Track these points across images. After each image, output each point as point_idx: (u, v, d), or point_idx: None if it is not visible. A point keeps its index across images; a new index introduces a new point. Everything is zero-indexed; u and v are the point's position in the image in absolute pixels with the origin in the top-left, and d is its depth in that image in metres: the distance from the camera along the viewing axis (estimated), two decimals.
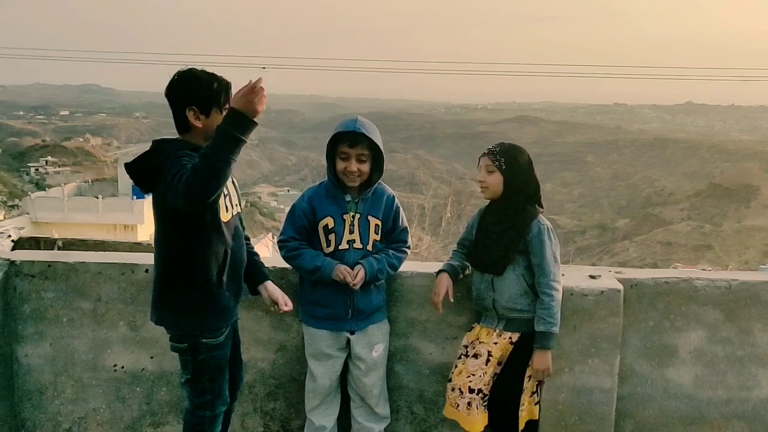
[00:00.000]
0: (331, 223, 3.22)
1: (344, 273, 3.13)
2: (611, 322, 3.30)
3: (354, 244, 3.23)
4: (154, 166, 2.71)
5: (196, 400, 2.95)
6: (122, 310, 3.57)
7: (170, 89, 2.79)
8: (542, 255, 3.09)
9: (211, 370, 2.93)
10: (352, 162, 3.15)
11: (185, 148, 2.72)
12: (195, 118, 2.76)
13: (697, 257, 69.31)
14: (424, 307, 3.48)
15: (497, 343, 3.18)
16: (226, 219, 2.86)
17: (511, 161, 3.12)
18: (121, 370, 3.63)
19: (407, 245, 3.35)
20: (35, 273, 3.56)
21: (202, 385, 2.94)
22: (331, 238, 3.22)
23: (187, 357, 2.91)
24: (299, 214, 3.26)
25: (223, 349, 2.95)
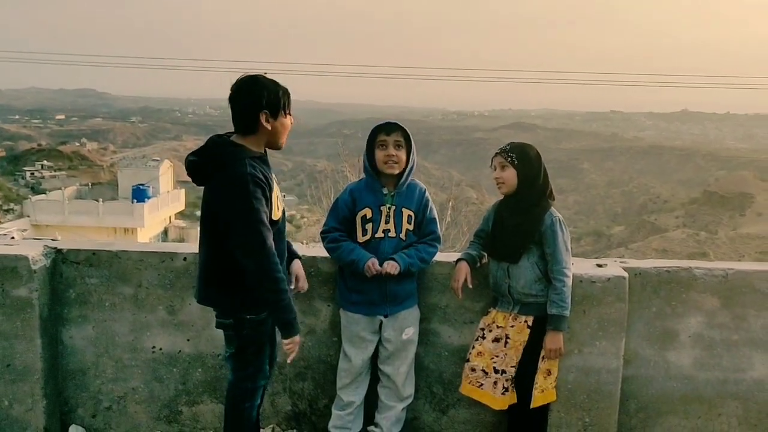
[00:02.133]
0: (369, 213, 3.51)
1: (371, 268, 3.41)
2: (617, 307, 3.57)
3: (389, 233, 3.52)
4: (212, 167, 2.97)
5: (240, 372, 3.20)
6: (161, 295, 3.82)
7: (240, 93, 3.00)
8: (555, 245, 3.36)
9: (254, 344, 3.16)
10: (390, 147, 3.45)
11: (246, 156, 2.95)
12: (266, 120, 3.00)
13: None
14: (444, 294, 3.74)
15: (513, 326, 3.46)
16: (278, 217, 3.11)
17: (522, 156, 3.40)
18: (159, 351, 3.88)
19: (437, 237, 3.62)
20: (80, 260, 3.81)
21: (245, 359, 3.17)
22: (368, 228, 3.51)
23: (231, 332, 3.14)
24: (342, 205, 3.56)
25: (264, 325, 3.17)
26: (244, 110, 3.01)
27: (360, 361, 3.61)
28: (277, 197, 3.11)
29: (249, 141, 3.04)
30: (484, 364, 3.52)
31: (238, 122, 3.04)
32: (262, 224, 2.92)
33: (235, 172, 2.91)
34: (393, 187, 3.54)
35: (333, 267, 3.75)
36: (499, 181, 3.46)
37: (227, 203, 2.94)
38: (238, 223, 2.92)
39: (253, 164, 2.96)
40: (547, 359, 3.44)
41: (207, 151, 3.03)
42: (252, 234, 2.91)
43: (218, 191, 2.98)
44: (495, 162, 3.48)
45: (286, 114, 3.08)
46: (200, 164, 3.03)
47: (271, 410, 3.92)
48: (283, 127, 3.09)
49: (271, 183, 3.04)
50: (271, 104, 3.01)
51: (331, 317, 3.82)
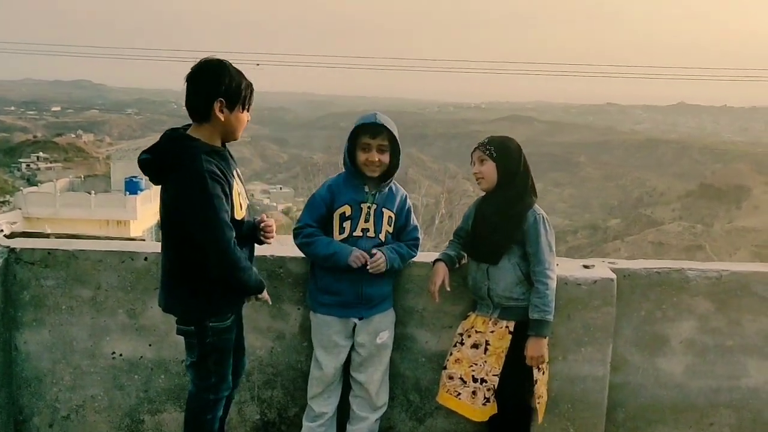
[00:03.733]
0: (348, 210, 3.29)
1: (359, 257, 3.19)
2: (604, 311, 3.37)
3: (368, 232, 3.30)
4: (167, 164, 2.76)
5: (201, 383, 2.99)
6: (121, 298, 3.60)
7: (199, 75, 2.78)
8: (538, 244, 3.14)
9: (217, 353, 2.97)
10: (374, 152, 3.23)
11: (203, 151, 2.74)
12: (220, 110, 2.77)
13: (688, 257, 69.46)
14: (421, 296, 3.53)
15: (494, 332, 3.24)
16: (241, 216, 2.90)
17: (501, 148, 3.19)
18: (120, 357, 3.66)
19: (419, 244, 3.43)
20: (35, 260, 3.59)
21: (207, 369, 2.97)
22: (345, 225, 3.29)
23: (193, 340, 2.94)
24: (318, 201, 3.33)
25: (229, 333, 2.99)
26: (199, 94, 2.78)
27: (332, 368, 3.38)
28: (238, 194, 2.89)
29: (204, 133, 2.82)
30: (462, 372, 3.30)
31: (190, 106, 2.81)
32: (224, 223, 2.72)
33: (191, 169, 2.69)
34: (374, 186, 3.32)
35: (303, 268, 3.53)
36: (479, 177, 3.25)
37: (184, 203, 2.73)
38: (198, 225, 2.71)
39: (209, 159, 2.74)
40: (530, 366, 3.21)
41: (161, 148, 2.81)
42: (213, 235, 2.71)
43: (174, 191, 2.76)
44: (474, 156, 3.28)
45: (244, 109, 2.86)
46: (153, 162, 2.80)
47: (239, 419, 3.70)
48: (238, 122, 2.86)
49: (230, 179, 2.82)
50: (229, 94, 2.78)
51: (301, 321, 3.60)
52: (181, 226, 2.78)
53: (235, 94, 2.79)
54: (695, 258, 67.90)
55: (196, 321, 2.92)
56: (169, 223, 2.85)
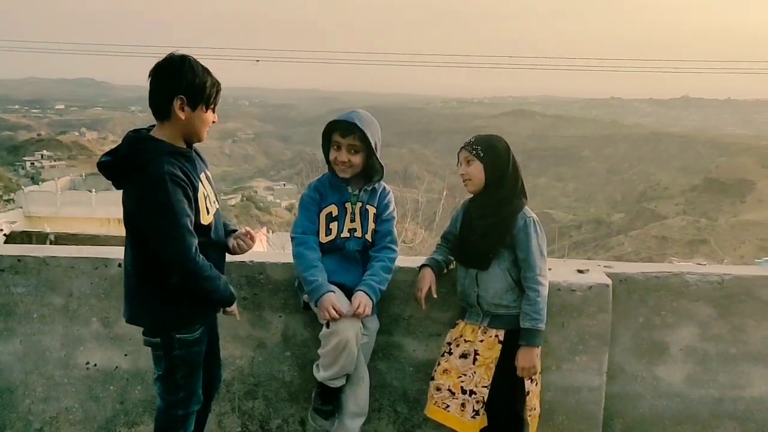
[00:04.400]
0: (334, 211, 3.14)
1: (329, 312, 2.94)
2: (600, 318, 3.20)
3: (355, 233, 3.16)
4: (129, 167, 2.60)
5: (169, 397, 2.83)
6: (95, 306, 3.45)
7: (160, 70, 2.62)
8: (528, 249, 2.97)
9: (185, 366, 2.81)
10: (342, 151, 3.07)
11: (165, 152, 2.59)
12: (180, 108, 2.61)
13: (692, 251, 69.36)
14: (407, 303, 3.36)
15: (483, 341, 3.07)
16: (207, 221, 2.74)
17: (488, 148, 3.01)
18: (94, 368, 3.51)
19: (395, 238, 3.22)
20: (4, 267, 3.44)
21: (174, 383, 2.81)
22: (332, 227, 3.14)
23: (160, 352, 2.79)
24: (309, 201, 3.17)
25: (198, 345, 2.83)
26: (159, 90, 2.62)
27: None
28: (204, 198, 2.72)
29: (166, 133, 2.66)
30: (450, 383, 3.13)
31: (152, 104, 2.65)
32: (184, 229, 2.56)
33: (151, 172, 2.53)
34: (357, 186, 3.17)
35: (284, 274, 3.38)
36: (465, 178, 3.07)
37: (144, 208, 2.57)
38: (155, 230, 2.56)
39: (171, 161, 2.58)
40: (521, 377, 3.04)
41: (122, 150, 2.65)
42: (172, 241, 2.55)
43: (134, 195, 2.61)
44: (460, 157, 3.09)
45: (207, 108, 2.68)
46: (113, 165, 2.64)
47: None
48: (201, 122, 2.69)
49: (195, 182, 2.66)
50: (191, 91, 2.61)
51: (283, 329, 3.44)
52: (140, 233, 2.64)
53: (197, 91, 2.62)
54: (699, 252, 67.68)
55: (162, 332, 2.76)
56: (131, 229, 2.69)
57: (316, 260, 3.09)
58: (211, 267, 2.70)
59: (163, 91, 2.61)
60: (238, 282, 3.38)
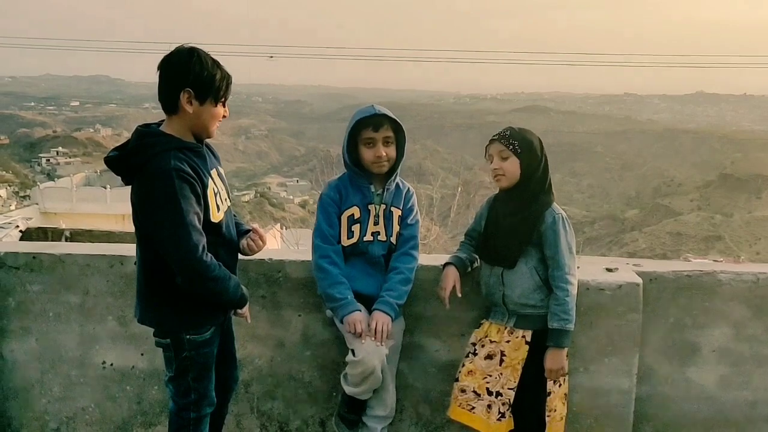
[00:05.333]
0: (357, 213, 3.05)
1: (356, 325, 2.91)
2: (630, 318, 3.09)
3: (378, 236, 3.07)
4: (136, 162, 2.53)
5: (180, 400, 2.76)
6: (111, 304, 3.39)
7: (168, 64, 2.54)
8: (557, 247, 2.87)
9: (196, 368, 2.73)
10: (380, 146, 2.98)
11: (172, 147, 2.52)
12: (188, 101, 2.53)
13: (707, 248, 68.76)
14: (430, 302, 3.27)
15: (509, 342, 2.97)
16: (218, 219, 2.66)
17: (525, 142, 2.90)
18: (110, 367, 3.45)
19: (417, 243, 3.16)
20: (20, 265, 3.38)
21: (186, 385, 2.74)
22: (354, 229, 3.05)
23: (170, 353, 2.72)
24: (328, 201, 3.07)
25: (209, 346, 2.75)
26: (166, 83, 2.55)
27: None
28: (215, 195, 2.64)
29: (174, 127, 2.58)
30: (475, 385, 3.04)
31: (159, 97, 2.58)
32: (191, 227, 2.48)
33: (157, 167, 2.46)
34: (380, 185, 3.07)
35: (303, 272, 3.29)
36: (499, 173, 2.94)
37: (149, 204, 2.50)
38: (160, 228, 2.49)
39: (179, 156, 2.50)
40: (549, 380, 2.94)
41: (130, 144, 2.57)
42: (177, 239, 2.47)
43: (140, 191, 2.54)
44: (492, 150, 2.96)
45: (217, 102, 2.60)
46: (120, 160, 2.57)
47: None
48: (209, 116, 2.60)
49: (204, 178, 2.58)
50: (198, 84, 2.52)
51: (303, 329, 3.36)
52: (147, 230, 2.57)
53: (205, 84, 2.54)
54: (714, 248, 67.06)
55: (171, 333, 2.69)
56: (139, 227, 2.62)
57: (339, 275, 3.01)
58: (220, 266, 2.61)
59: (171, 84, 2.54)
60: (257, 280, 3.31)
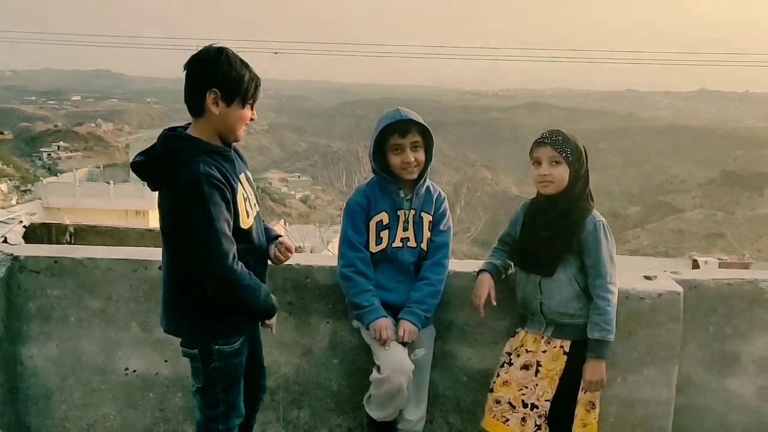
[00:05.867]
0: (385, 219, 2.98)
1: (382, 331, 2.88)
2: (670, 327, 3.01)
3: (408, 242, 3.00)
4: (163, 167, 2.45)
5: (208, 412, 2.67)
6: (134, 310, 3.30)
7: (194, 64, 2.45)
8: (598, 255, 2.78)
9: (225, 379, 2.65)
10: (408, 152, 2.90)
11: (201, 151, 2.44)
12: (214, 102, 2.44)
13: (710, 245, 68.68)
14: (462, 310, 3.19)
15: (546, 352, 2.89)
16: (247, 225, 2.58)
17: (576, 152, 2.81)
18: (133, 374, 3.37)
19: (449, 252, 3.09)
20: (40, 269, 3.30)
21: (214, 396, 2.66)
22: (383, 235, 2.98)
23: (198, 364, 2.64)
24: (355, 207, 3.00)
25: (238, 356, 2.67)
26: (192, 84, 2.46)
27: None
28: (244, 200, 2.56)
29: (201, 131, 2.50)
30: (510, 396, 2.96)
31: (185, 98, 2.50)
32: (221, 234, 2.39)
33: (186, 173, 2.38)
34: (409, 189, 2.99)
35: (331, 278, 3.21)
36: (547, 180, 2.83)
37: (177, 211, 2.42)
38: (189, 235, 2.41)
39: (208, 161, 2.42)
40: (588, 392, 2.86)
41: (156, 149, 2.49)
42: (208, 248, 2.40)
43: (168, 197, 2.46)
44: (542, 154, 2.84)
45: (245, 104, 2.50)
46: (147, 166, 2.48)
47: None
48: (236, 118, 2.51)
49: (234, 184, 2.50)
50: (225, 84, 2.43)
51: (330, 336, 3.28)
52: (175, 238, 2.49)
53: (233, 85, 2.45)
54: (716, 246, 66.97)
55: (199, 343, 2.61)
56: (167, 233, 2.54)
57: (365, 283, 2.95)
58: (250, 275, 2.53)
59: (197, 84, 2.46)
60: (284, 286, 3.23)
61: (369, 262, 2.99)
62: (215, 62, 2.44)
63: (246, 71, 2.49)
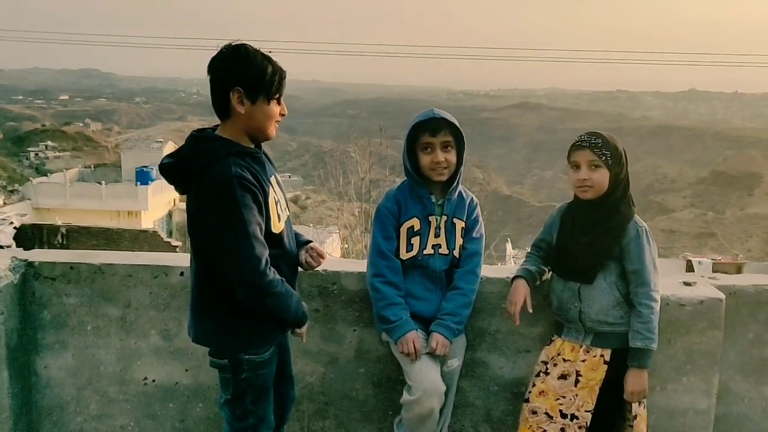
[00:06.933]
0: (417, 225, 2.88)
1: (410, 345, 2.80)
2: (710, 335, 2.92)
3: (439, 249, 2.90)
4: (193, 169, 2.35)
5: (237, 424, 2.57)
6: (154, 318, 3.19)
7: (214, 65, 2.38)
8: (641, 261, 2.69)
9: (255, 390, 2.55)
10: (438, 152, 2.81)
11: (232, 152, 2.34)
12: (239, 102, 2.35)
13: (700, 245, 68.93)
14: (494, 316, 3.10)
15: (585, 361, 2.80)
16: (279, 230, 2.49)
17: (617, 155, 2.72)
18: (152, 384, 3.25)
19: (481, 261, 3.00)
20: (56, 275, 3.18)
21: (243, 408, 2.55)
22: (414, 242, 2.88)
23: (227, 375, 2.53)
24: (385, 213, 2.92)
25: (268, 366, 2.57)
26: (214, 85, 2.39)
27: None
28: (275, 203, 2.46)
29: (230, 132, 2.41)
30: (547, 406, 2.86)
31: (212, 102, 2.42)
32: (253, 238, 2.31)
33: (217, 175, 2.29)
34: (441, 194, 2.89)
35: (359, 284, 3.11)
36: (586, 184, 2.73)
37: (209, 215, 2.32)
38: (223, 241, 2.30)
39: (239, 162, 2.33)
40: (629, 402, 2.77)
41: (184, 151, 2.39)
42: (240, 253, 2.30)
43: (197, 200, 2.37)
44: (580, 158, 2.74)
45: (270, 99, 2.41)
46: (176, 167, 2.39)
47: None
48: (264, 115, 2.42)
49: (265, 186, 2.41)
50: (248, 81, 2.35)
51: (357, 344, 3.18)
52: (204, 242, 2.40)
53: (255, 81, 2.36)
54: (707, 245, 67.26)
55: (229, 353, 2.51)
56: (196, 237, 2.44)
57: (394, 295, 2.86)
58: (283, 282, 2.44)
59: (219, 85, 2.38)
60: (309, 293, 3.12)
61: (399, 270, 2.90)
62: (234, 60, 2.36)
63: (268, 64, 2.40)
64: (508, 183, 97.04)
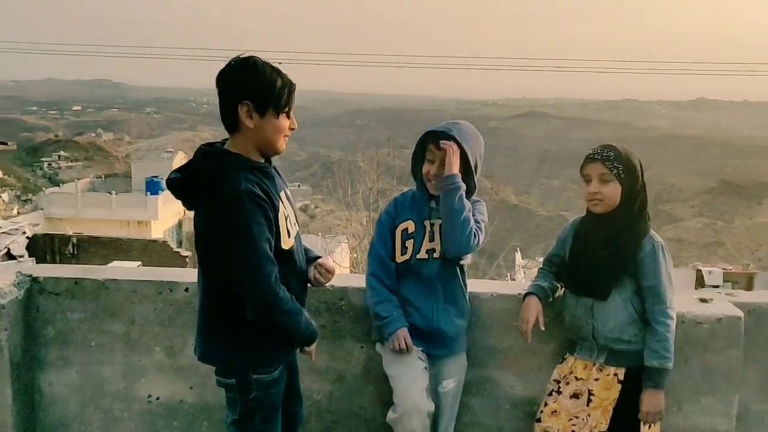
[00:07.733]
0: (411, 227, 2.85)
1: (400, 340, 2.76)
2: (729, 354, 2.85)
3: (433, 253, 2.83)
4: (201, 184, 2.31)
5: None
6: (159, 334, 3.14)
7: (222, 78, 2.33)
8: (657, 277, 2.63)
9: (264, 410, 2.48)
10: (435, 165, 2.78)
11: (242, 167, 2.30)
12: (247, 115, 2.31)
13: (709, 254, 68.54)
14: (505, 334, 3.04)
15: (599, 380, 2.73)
16: (288, 246, 2.43)
17: (629, 168, 2.66)
18: (157, 401, 3.20)
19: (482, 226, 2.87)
20: (60, 291, 3.14)
21: (252, 428, 2.48)
22: (408, 245, 2.85)
23: (234, 394, 2.47)
24: (384, 217, 2.94)
25: (277, 385, 2.50)
26: (223, 98, 2.34)
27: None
28: (285, 219, 2.41)
29: (239, 146, 2.36)
30: (559, 426, 2.79)
31: (221, 116, 2.37)
32: (263, 255, 2.26)
33: (226, 189, 2.24)
34: None
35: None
36: (597, 198, 2.69)
37: (217, 230, 2.27)
38: (230, 255, 2.26)
39: (249, 177, 2.28)
40: (645, 424, 2.69)
41: (193, 165, 2.35)
42: (249, 270, 2.25)
43: (207, 215, 2.32)
44: (591, 171, 2.70)
45: (279, 113, 2.36)
46: (184, 182, 2.34)
47: None
48: (273, 129, 2.37)
49: (275, 201, 2.36)
50: (255, 95, 2.30)
51: (365, 361, 3.12)
52: (213, 258, 2.35)
53: (263, 94, 2.31)
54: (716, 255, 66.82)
55: (237, 372, 2.45)
56: (204, 254, 2.39)
57: (387, 293, 2.83)
58: (292, 300, 2.38)
59: (227, 98, 2.33)
60: (317, 309, 3.07)
61: (393, 273, 2.88)
62: (242, 73, 2.32)
63: (277, 77, 2.35)
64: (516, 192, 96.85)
